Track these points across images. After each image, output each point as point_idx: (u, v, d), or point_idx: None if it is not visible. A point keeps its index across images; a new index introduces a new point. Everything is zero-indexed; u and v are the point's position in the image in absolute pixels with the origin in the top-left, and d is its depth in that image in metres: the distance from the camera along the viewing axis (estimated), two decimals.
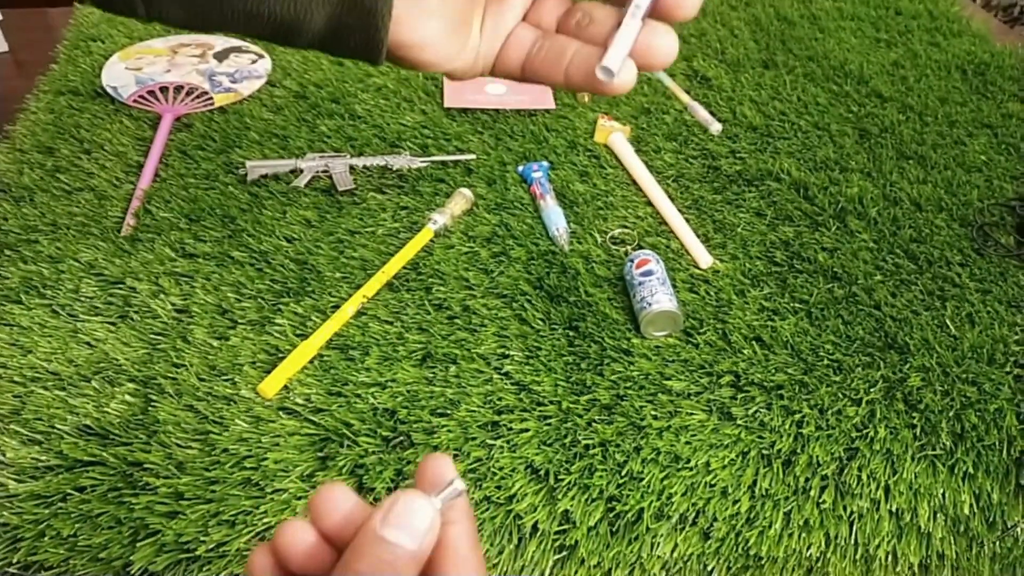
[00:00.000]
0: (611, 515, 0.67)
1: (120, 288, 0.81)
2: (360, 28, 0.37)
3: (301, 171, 0.95)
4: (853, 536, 0.69)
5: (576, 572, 0.67)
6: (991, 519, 0.71)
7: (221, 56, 1.13)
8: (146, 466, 0.66)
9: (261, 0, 0.35)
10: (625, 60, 0.37)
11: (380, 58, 0.38)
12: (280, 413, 0.71)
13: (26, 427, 0.69)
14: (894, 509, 0.70)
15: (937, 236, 0.92)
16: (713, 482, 0.69)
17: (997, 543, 0.72)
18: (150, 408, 0.70)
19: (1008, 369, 0.78)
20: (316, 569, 0.34)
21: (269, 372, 0.73)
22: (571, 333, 0.80)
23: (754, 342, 0.79)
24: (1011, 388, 0.76)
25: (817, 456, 0.71)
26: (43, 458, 0.67)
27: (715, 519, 0.68)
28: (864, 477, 0.70)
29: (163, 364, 0.74)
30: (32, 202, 0.90)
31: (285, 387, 0.73)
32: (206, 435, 0.68)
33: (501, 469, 0.68)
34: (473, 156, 1.00)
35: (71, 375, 0.73)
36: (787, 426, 0.72)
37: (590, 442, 0.70)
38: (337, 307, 0.79)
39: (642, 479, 0.68)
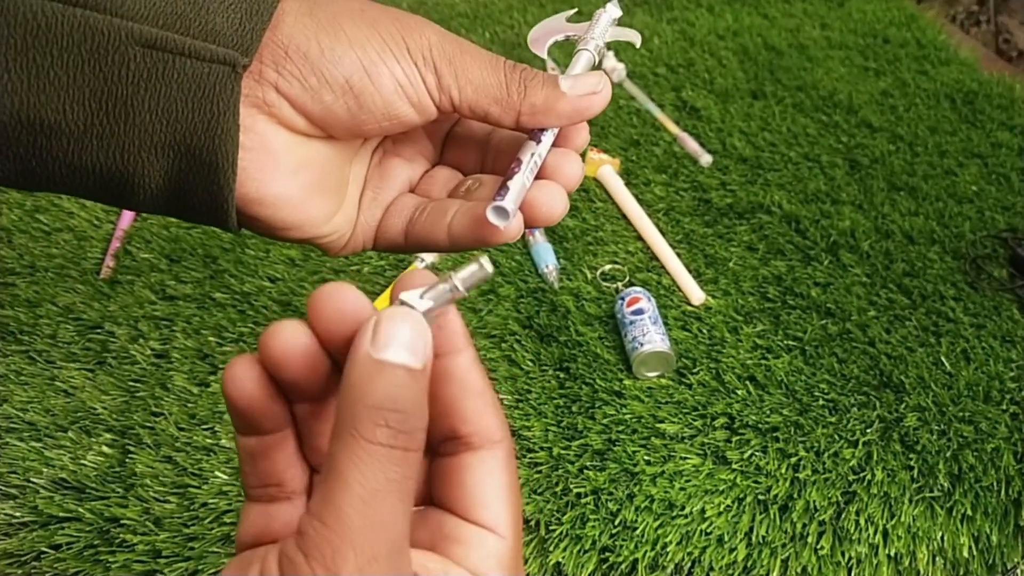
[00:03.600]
0: (604, 566, 0.66)
1: (98, 333, 0.79)
2: (202, 186, 0.32)
3: None
4: None
5: None
6: (991, 561, 0.70)
7: None
8: (123, 522, 0.64)
9: (83, 148, 0.31)
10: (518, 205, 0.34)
11: (229, 220, 0.33)
12: None
13: (0, 481, 0.67)
14: (892, 554, 0.68)
15: (930, 270, 0.91)
16: (709, 530, 0.67)
17: None
18: (127, 460, 0.68)
19: (1004, 407, 0.77)
20: (315, 379, 0.28)
21: None
22: (562, 374, 0.78)
23: (748, 382, 0.78)
24: (1008, 427, 0.75)
25: (814, 501, 0.69)
26: (17, 514, 0.65)
27: (712, 568, 0.66)
28: (862, 521, 0.69)
29: (141, 413, 0.72)
30: (10, 243, 0.88)
31: None
32: (185, 488, 0.66)
33: None
34: None
35: (47, 425, 0.71)
36: (783, 470, 0.71)
37: (582, 490, 0.68)
38: None
39: (636, 528, 0.67)
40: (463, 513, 0.30)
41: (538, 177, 0.36)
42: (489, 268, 0.29)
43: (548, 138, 0.37)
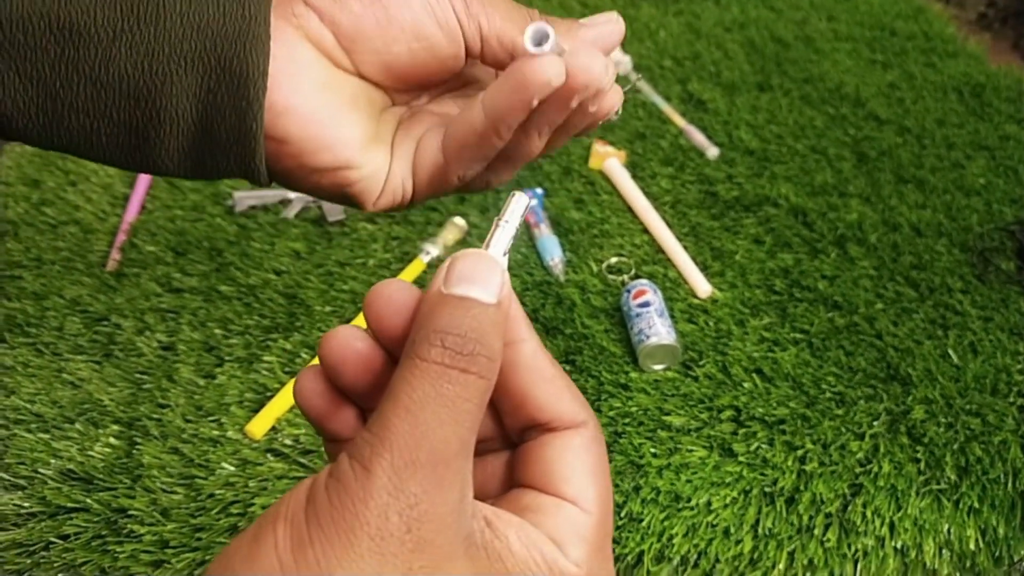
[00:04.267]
0: None
1: (105, 325, 0.79)
2: (230, 105, 0.31)
3: (290, 201, 0.94)
4: (858, 575, 0.67)
5: None
6: (997, 554, 0.70)
7: None
8: (130, 512, 0.64)
9: (110, 58, 0.30)
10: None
11: (257, 146, 0.32)
12: (268, 455, 0.69)
13: (8, 472, 0.67)
14: (899, 546, 0.68)
15: (938, 262, 0.90)
16: (715, 522, 0.67)
17: None
18: (134, 451, 0.68)
19: (1012, 399, 0.77)
20: (372, 378, 0.29)
21: (257, 412, 0.71)
22: (568, 367, 0.78)
23: (755, 374, 0.78)
24: (1015, 419, 0.75)
25: (821, 493, 0.69)
26: (26, 504, 0.65)
27: (717, 560, 0.66)
28: (868, 514, 0.68)
29: (148, 404, 0.72)
30: (16, 236, 0.89)
31: (273, 428, 0.71)
32: (191, 479, 0.66)
33: None
34: None
35: (55, 417, 0.71)
36: (789, 462, 0.71)
37: None
38: None
39: (642, 520, 0.66)
40: (543, 487, 0.29)
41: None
42: (524, 195, 0.30)
43: None
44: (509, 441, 0.31)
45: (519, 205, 0.30)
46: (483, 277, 0.26)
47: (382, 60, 0.34)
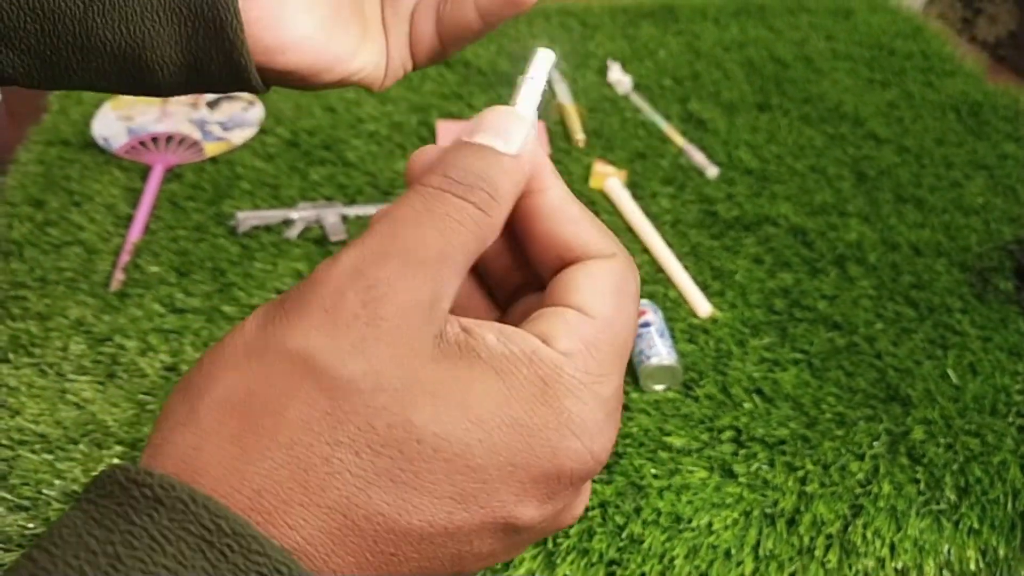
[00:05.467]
0: None
1: (108, 346, 0.79)
2: (215, 46, 0.32)
3: (292, 221, 0.94)
4: None
5: None
6: (998, 575, 0.70)
7: (213, 104, 1.13)
8: None
9: (88, 29, 0.31)
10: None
11: (251, 77, 0.33)
12: None
13: (13, 492, 0.67)
14: (900, 567, 0.68)
15: (937, 282, 0.91)
16: (716, 543, 0.67)
17: None
18: None
19: (1011, 420, 0.77)
20: None
21: None
22: None
23: (755, 395, 0.78)
24: (1014, 439, 0.75)
25: (821, 514, 0.69)
26: (30, 526, 0.65)
27: None
28: (869, 535, 0.69)
29: (151, 425, 0.72)
30: (21, 257, 0.89)
31: None
32: None
33: None
34: None
35: (59, 437, 0.72)
36: (790, 483, 0.71)
37: (589, 503, 0.68)
38: None
39: (643, 542, 0.67)
40: (551, 302, 0.28)
41: None
42: (549, 51, 0.31)
43: None
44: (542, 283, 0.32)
45: (545, 61, 0.31)
46: (505, 129, 0.27)
47: None
